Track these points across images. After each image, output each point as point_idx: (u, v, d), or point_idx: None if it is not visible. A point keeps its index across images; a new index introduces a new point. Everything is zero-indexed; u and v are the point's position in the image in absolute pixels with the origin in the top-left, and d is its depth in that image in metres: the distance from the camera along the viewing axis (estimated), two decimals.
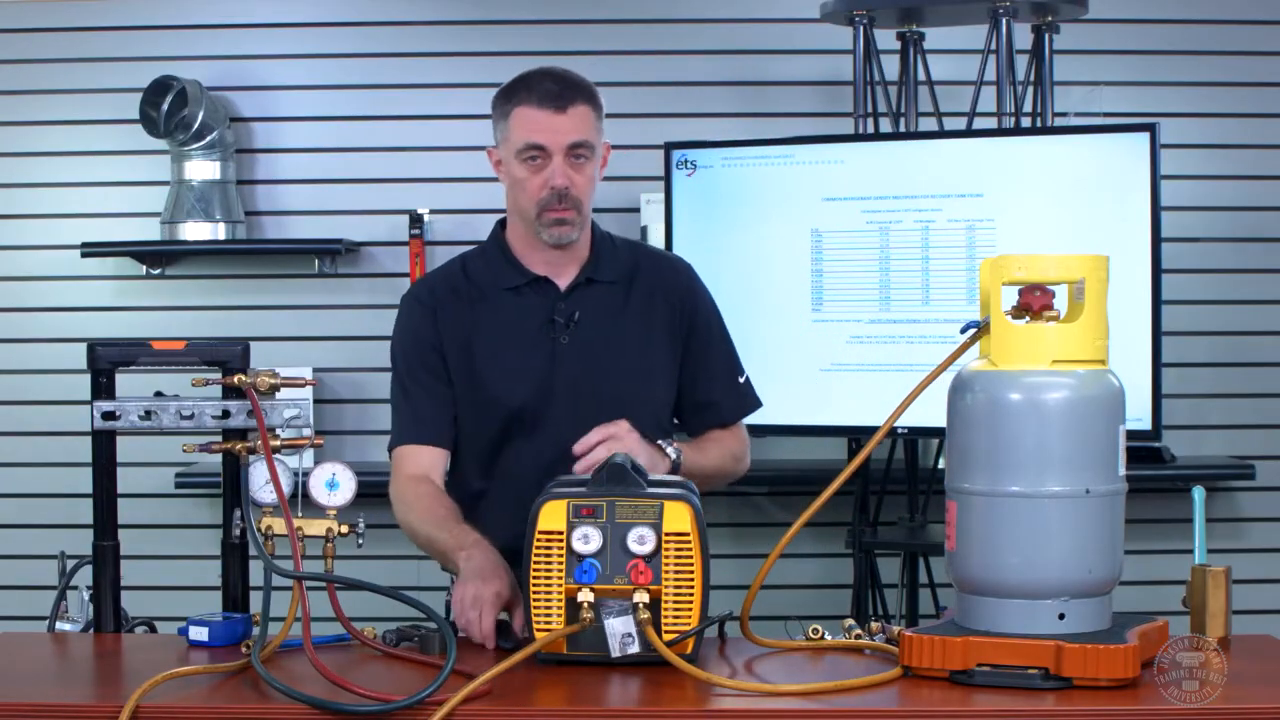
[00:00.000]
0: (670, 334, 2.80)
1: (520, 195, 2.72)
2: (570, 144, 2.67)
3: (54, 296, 4.62)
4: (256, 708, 2.02)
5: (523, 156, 2.69)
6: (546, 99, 2.67)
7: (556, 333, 2.75)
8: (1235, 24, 4.56)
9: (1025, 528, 2.07)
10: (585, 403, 2.69)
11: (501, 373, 2.74)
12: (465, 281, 2.82)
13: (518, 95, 2.70)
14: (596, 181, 2.75)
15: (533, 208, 2.70)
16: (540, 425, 2.73)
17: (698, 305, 2.85)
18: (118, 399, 2.42)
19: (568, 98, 2.68)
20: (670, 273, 2.87)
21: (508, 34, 4.59)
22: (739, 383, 2.89)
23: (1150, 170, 3.69)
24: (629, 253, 2.87)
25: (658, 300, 2.81)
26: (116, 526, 2.46)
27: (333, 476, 2.30)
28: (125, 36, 4.60)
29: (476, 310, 2.78)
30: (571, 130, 2.67)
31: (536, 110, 2.67)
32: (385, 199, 4.58)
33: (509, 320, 2.76)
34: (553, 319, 2.75)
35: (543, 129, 2.67)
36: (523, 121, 2.68)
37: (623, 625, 2.14)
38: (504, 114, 2.72)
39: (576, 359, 2.73)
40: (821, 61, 4.54)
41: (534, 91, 2.68)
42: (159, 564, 4.34)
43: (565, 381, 2.73)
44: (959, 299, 3.76)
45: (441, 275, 2.89)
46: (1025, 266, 2.13)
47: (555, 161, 2.67)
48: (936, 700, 2.03)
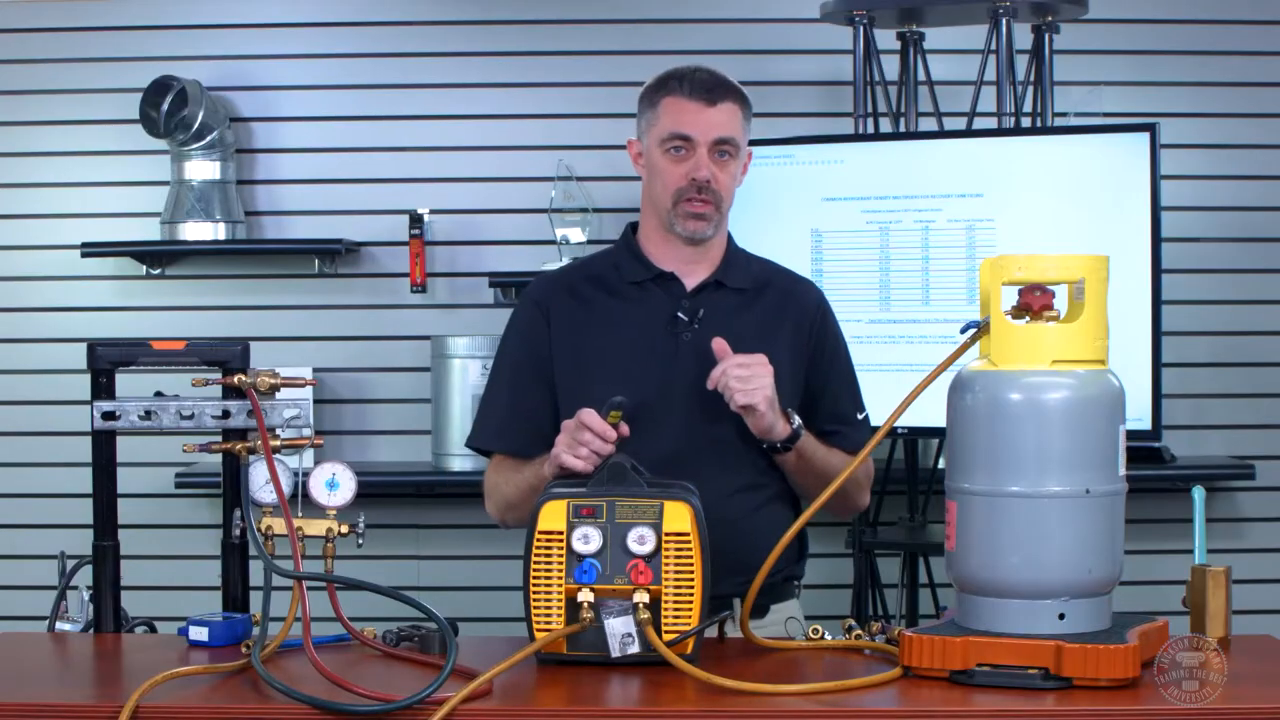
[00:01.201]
0: (794, 350, 2.71)
1: (658, 185, 2.68)
2: (716, 139, 2.64)
3: (54, 296, 4.62)
4: (256, 708, 2.02)
5: (666, 146, 2.66)
6: (698, 90, 2.65)
7: (680, 330, 2.68)
8: (1235, 24, 4.57)
9: (1025, 528, 2.07)
10: (705, 401, 2.60)
11: (621, 366, 2.67)
12: (585, 280, 2.77)
13: (669, 85, 2.67)
14: (738, 184, 2.72)
15: (670, 197, 2.66)
16: (658, 421, 2.61)
17: (826, 329, 2.78)
18: (118, 399, 2.42)
19: (719, 93, 2.66)
20: (803, 292, 2.81)
21: (508, 34, 4.59)
22: (859, 419, 2.78)
23: (1150, 170, 3.69)
24: (761, 267, 2.83)
25: (787, 315, 2.75)
26: (116, 526, 2.46)
27: (333, 476, 2.30)
28: (125, 36, 4.60)
29: (596, 307, 2.73)
30: (719, 125, 2.65)
31: (687, 100, 2.65)
32: (385, 199, 4.58)
33: (633, 315, 2.71)
34: (676, 315, 2.69)
35: (691, 120, 2.64)
36: (671, 111, 2.66)
37: (623, 625, 2.14)
38: (652, 103, 2.69)
39: (697, 357, 2.63)
40: (821, 61, 4.54)
41: (686, 82, 2.66)
42: (159, 564, 4.34)
43: (685, 379, 2.64)
44: (959, 299, 3.77)
45: (560, 273, 2.87)
46: (1025, 267, 2.13)
47: (700, 153, 2.64)
48: (936, 700, 2.03)
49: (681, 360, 2.65)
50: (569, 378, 2.68)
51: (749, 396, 2.51)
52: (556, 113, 4.51)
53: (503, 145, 4.59)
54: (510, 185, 4.58)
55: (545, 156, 4.51)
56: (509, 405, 2.73)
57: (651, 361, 2.66)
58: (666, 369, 2.65)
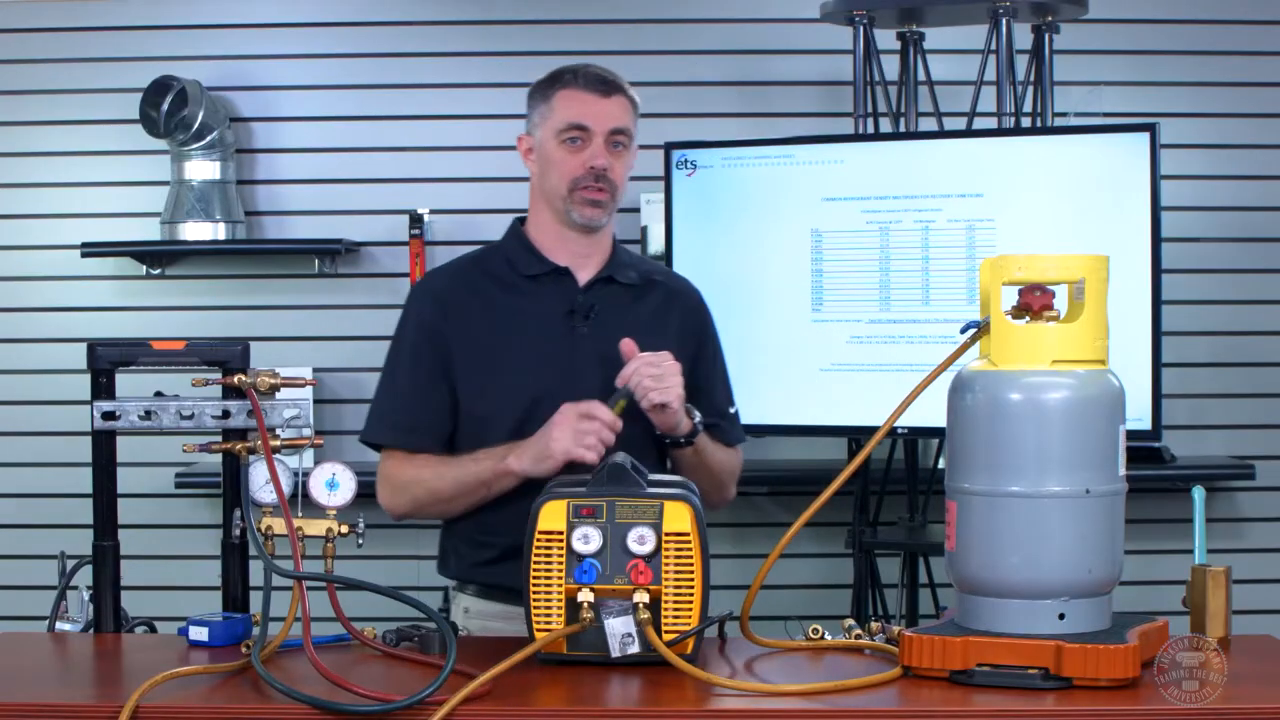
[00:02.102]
0: (680, 346, 2.76)
1: (555, 175, 2.75)
2: (612, 128, 2.74)
3: (54, 296, 4.63)
4: (256, 708, 2.02)
5: (564, 136, 2.74)
6: (593, 83, 2.75)
7: (576, 324, 2.75)
8: (1235, 24, 4.57)
9: (1025, 528, 2.07)
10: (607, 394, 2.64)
11: (524, 358, 2.73)
12: (480, 274, 2.83)
13: (564, 79, 2.77)
14: (628, 174, 2.81)
15: (566, 185, 2.73)
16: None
17: (707, 328, 2.89)
18: (118, 399, 2.42)
19: (613, 86, 2.76)
20: (685, 290, 2.91)
21: (507, 34, 4.60)
22: (731, 412, 2.90)
23: (1150, 170, 3.69)
24: (645, 264, 2.95)
25: (673, 311, 2.84)
26: (116, 526, 2.46)
27: (333, 476, 2.30)
28: (125, 36, 4.61)
29: (493, 301, 2.78)
30: (615, 116, 2.74)
31: (583, 92, 2.74)
32: (385, 199, 4.58)
33: (530, 309, 2.77)
34: (572, 310, 2.76)
35: (588, 110, 2.73)
36: (568, 102, 2.74)
37: (623, 625, 2.14)
38: (545, 97, 2.78)
39: (594, 350, 2.72)
40: (821, 61, 4.54)
41: (581, 76, 2.76)
42: (159, 564, 4.34)
43: (585, 371, 2.71)
44: (959, 299, 3.76)
45: (453, 269, 2.90)
46: (1025, 266, 2.13)
47: (596, 143, 2.73)
48: (936, 700, 2.03)
49: (581, 353, 2.73)
50: (470, 371, 2.73)
51: (664, 395, 2.58)
52: None
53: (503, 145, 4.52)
54: (510, 185, 4.54)
55: None
56: (412, 400, 2.75)
57: (552, 355, 2.73)
58: (567, 362, 2.72)
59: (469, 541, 2.74)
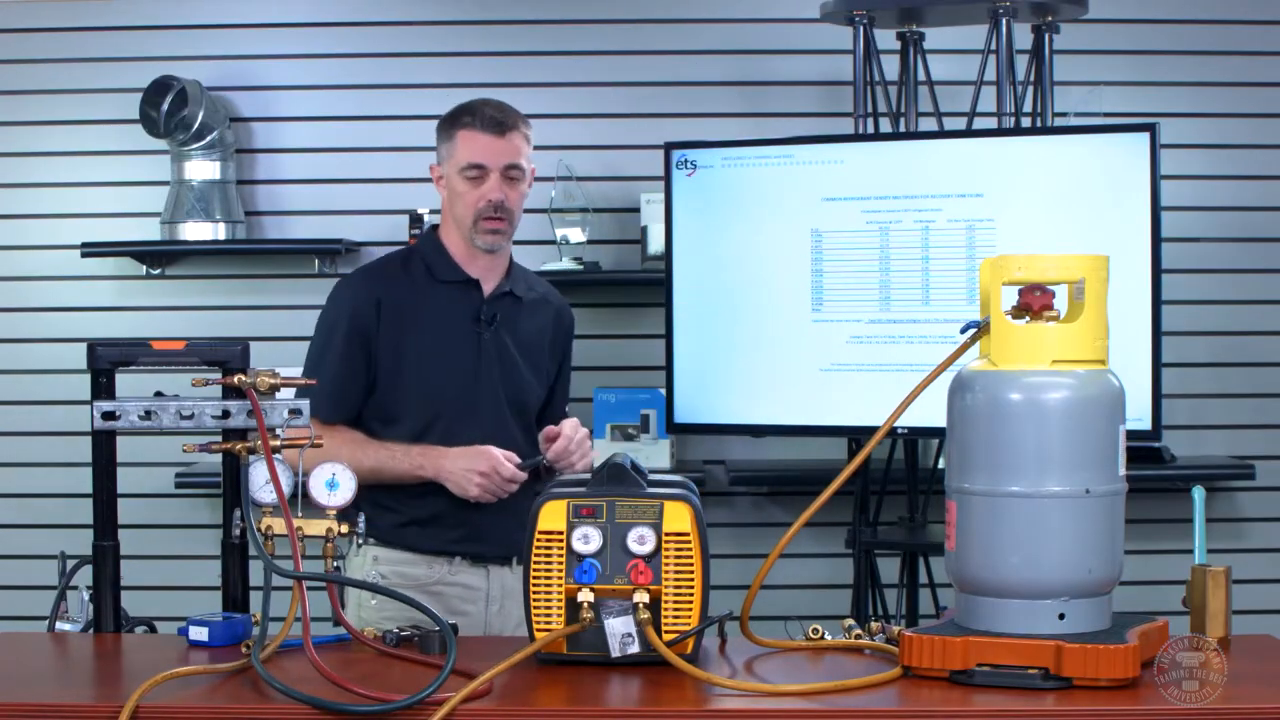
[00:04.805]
0: (550, 355, 3.31)
1: (460, 206, 3.15)
2: (507, 164, 3.13)
3: (54, 296, 4.63)
4: (256, 708, 2.01)
5: (466, 174, 3.13)
6: (489, 124, 3.12)
7: (481, 329, 3.18)
8: (1235, 24, 4.57)
9: (1025, 528, 2.07)
10: (499, 394, 3.17)
11: (435, 357, 3.13)
12: (405, 276, 3.20)
13: (463, 120, 3.15)
14: (525, 198, 3.20)
15: (470, 216, 3.13)
16: (467, 410, 3.13)
17: (570, 344, 3.40)
18: (118, 399, 2.42)
19: (508, 125, 3.14)
20: (561, 308, 3.37)
21: (508, 34, 4.60)
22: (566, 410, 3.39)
23: (1150, 170, 3.68)
24: (536, 280, 3.38)
25: (550, 326, 3.31)
26: (116, 526, 2.46)
27: (333, 476, 2.30)
28: (125, 36, 4.61)
29: (415, 301, 3.15)
30: (509, 153, 3.13)
31: (480, 134, 3.13)
32: (385, 199, 4.58)
33: (444, 312, 3.16)
34: (479, 317, 3.18)
35: (485, 150, 3.12)
36: (468, 143, 3.13)
37: (623, 625, 2.14)
38: (449, 136, 3.17)
39: (494, 354, 3.18)
40: (821, 61, 4.54)
41: (478, 117, 3.13)
42: (159, 564, 4.34)
43: (487, 373, 3.17)
44: (959, 299, 3.76)
45: (382, 265, 3.30)
46: (1025, 266, 2.13)
47: (493, 179, 3.12)
48: (936, 700, 2.03)
49: (484, 356, 3.17)
50: (389, 361, 3.12)
51: (585, 461, 3.13)
52: (556, 113, 4.50)
53: None
54: None
55: (545, 156, 4.48)
56: (342, 377, 3.11)
57: (460, 355, 3.16)
58: (472, 363, 3.16)
59: (374, 505, 3.01)
